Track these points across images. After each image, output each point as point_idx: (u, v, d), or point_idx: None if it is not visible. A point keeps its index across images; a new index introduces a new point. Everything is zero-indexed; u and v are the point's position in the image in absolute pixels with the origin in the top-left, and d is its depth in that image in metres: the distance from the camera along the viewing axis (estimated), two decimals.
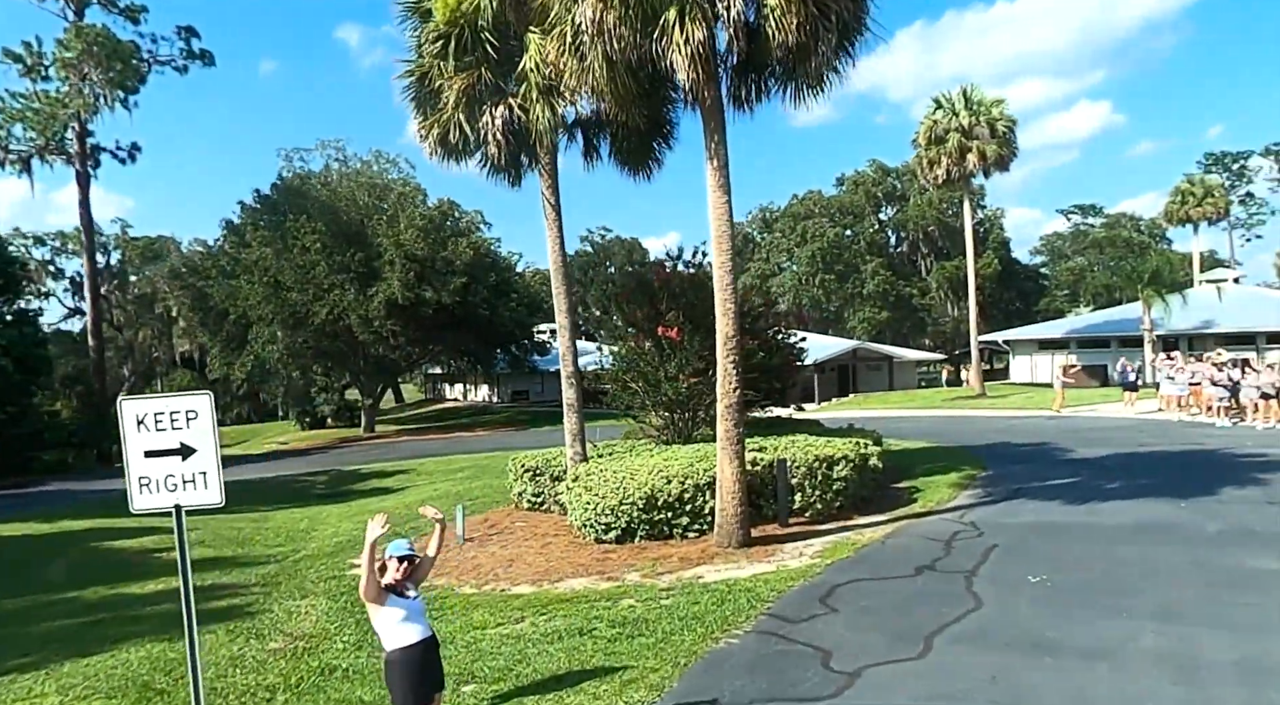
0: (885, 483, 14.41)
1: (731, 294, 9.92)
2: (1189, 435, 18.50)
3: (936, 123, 33.47)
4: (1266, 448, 15.93)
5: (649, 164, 12.99)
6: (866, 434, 15.15)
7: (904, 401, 36.17)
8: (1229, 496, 11.66)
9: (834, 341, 45.60)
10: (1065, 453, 17.02)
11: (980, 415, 27.91)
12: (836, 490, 11.62)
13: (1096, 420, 23.68)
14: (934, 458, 17.37)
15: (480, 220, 53.35)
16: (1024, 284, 64.17)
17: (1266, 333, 34.72)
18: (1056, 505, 11.85)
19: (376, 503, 18.63)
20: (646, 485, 10.60)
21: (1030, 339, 43.43)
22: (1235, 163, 72.50)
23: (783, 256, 55.68)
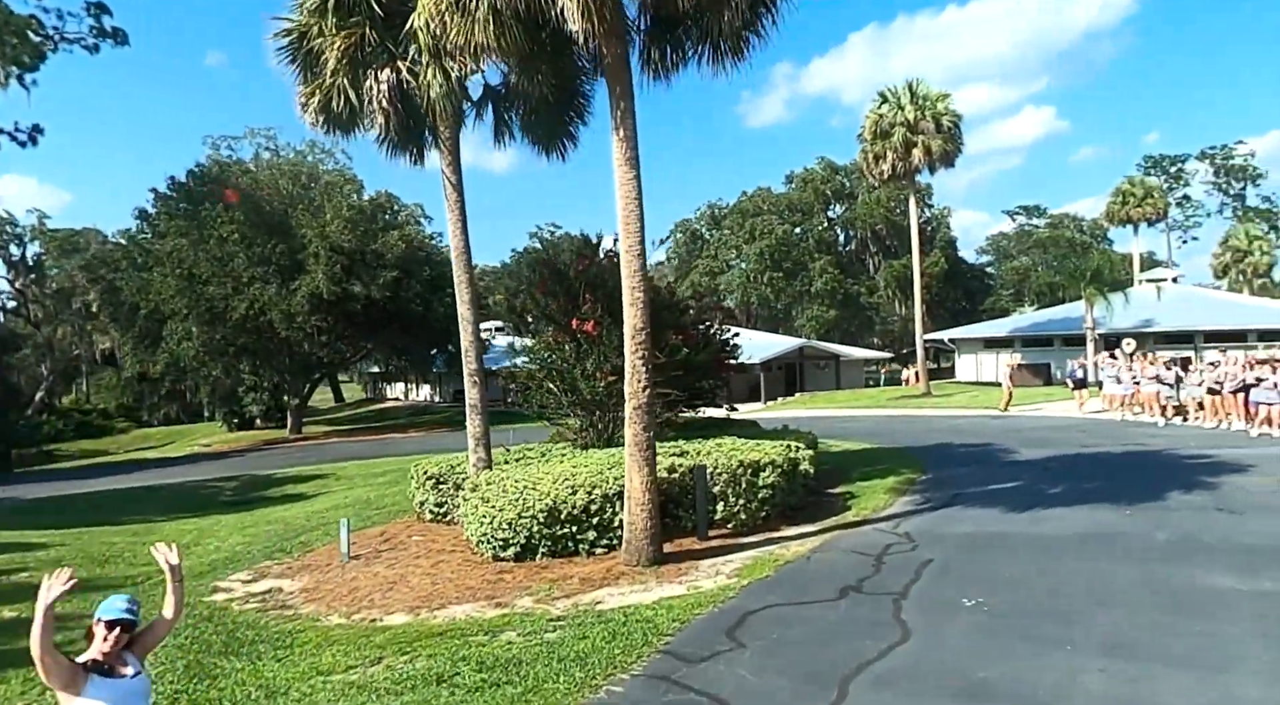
0: (820, 488, 13.53)
1: (641, 282, 8.85)
2: (1132, 435, 18.01)
3: (882, 117, 32.91)
4: (1210, 448, 15.42)
5: (562, 141, 11.91)
6: (800, 436, 14.23)
7: (850, 401, 35.63)
8: (1176, 502, 10.96)
9: (781, 340, 45.00)
10: (1008, 454, 16.34)
11: (925, 415, 27.37)
12: (762, 499, 10.64)
13: (1041, 420, 23.22)
14: (874, 460, 16.57)
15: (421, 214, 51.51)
16: (970, 283, 64.57)
17: (1204, 332, 34.92)
18: (997, 513, 11.03)
19: (281, 511, 17.20)
20: (549, 496, 9.47)
21: (975, 338, 43.32)
22: (1173, 166, 74.07)
23: (731, 254, 54.98)
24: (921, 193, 60.92)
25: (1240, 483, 11.95)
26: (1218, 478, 12.38)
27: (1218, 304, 39.42)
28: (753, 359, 40.55)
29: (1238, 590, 7.19)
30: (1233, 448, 15.35)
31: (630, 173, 8.63)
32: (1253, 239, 51.81)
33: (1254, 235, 52.31)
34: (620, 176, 8.69)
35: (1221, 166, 73.04)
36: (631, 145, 8.63)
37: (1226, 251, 52.69)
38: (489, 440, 11.49)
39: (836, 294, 53.73)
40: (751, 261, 53.14)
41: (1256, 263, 51.29)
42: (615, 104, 8.61)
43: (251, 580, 10.18)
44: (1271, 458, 13.99)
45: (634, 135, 8.64)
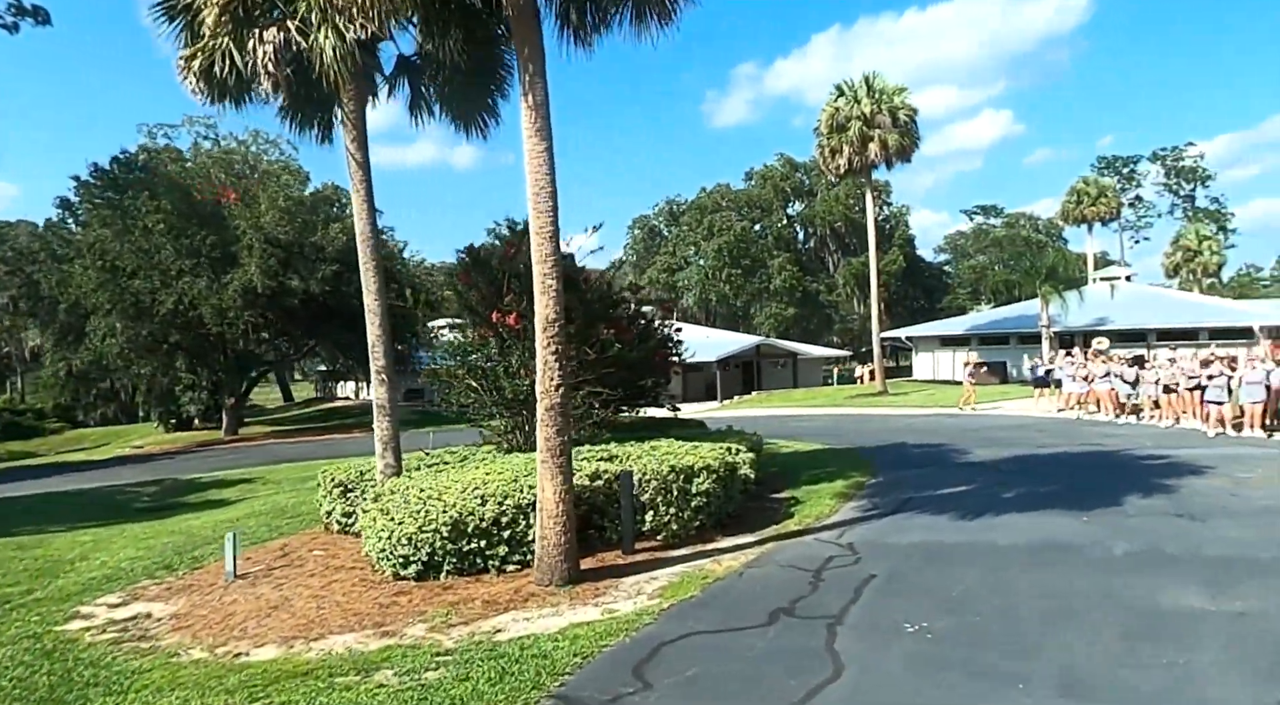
0: (764, 493, 12.74)
1: (554, 268, 7.90)
2: (1089, 435, 17.51)
3: (838, 110, 32.34)
4: (1167, 448, 14.93)
5: (482, 116, 10.96)
6: (744, 437, 13.41)
7: (806, 399, 35.05)
8: (1134, 507, 10.32)
9: (737, 338, 44.35)
10: (962, 455, 15.70)
11: (880, 414, 26.82)
12: (696, 508, 9.76)
13: (998, 418, 22.75)
14: (823, 462, 15.82)
15: None
16: (929, 281, 64.69)
17: (1157, 330, 34.99)
18: (947, 520, 10.28)
19: (191, 520, 15.91)
20: (454, 507, 8.48)
21: (932, 336, 43.10)
22: (1125, 167, 75.11)
23: (689, 250, 54.23)
24: (880, 190, 60.85)
25: (1199, 486, 11.38)
26: (1176, 480, 11.81)
27: (1170, 303, 39.63)
28: (708, 357, 39.86)
29: (1207, 611, 6.47)
30: (1189, 448, 14.88)
31: (540, 145, 7.68)
32: (1203, 239, 52.45)
33: (1204, 235, 52.98)
34: (529, 149, 7.73)
35: (1172, 168, 74.22)
36: (542, 114, 7.67)
37: (1177, 251, 53.29)
38: (398, 444, 10.46)
39: (795, 292, 53.27)
40: (710, 258, 52.43)
41: (1206, 262, 51.92)
42: (523, 67, 7.65)
43: (120, 604, 9.03)
44: (1228, 459, 13.50)
45: (545, 102, 7.69)
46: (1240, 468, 12.56)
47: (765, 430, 23.41)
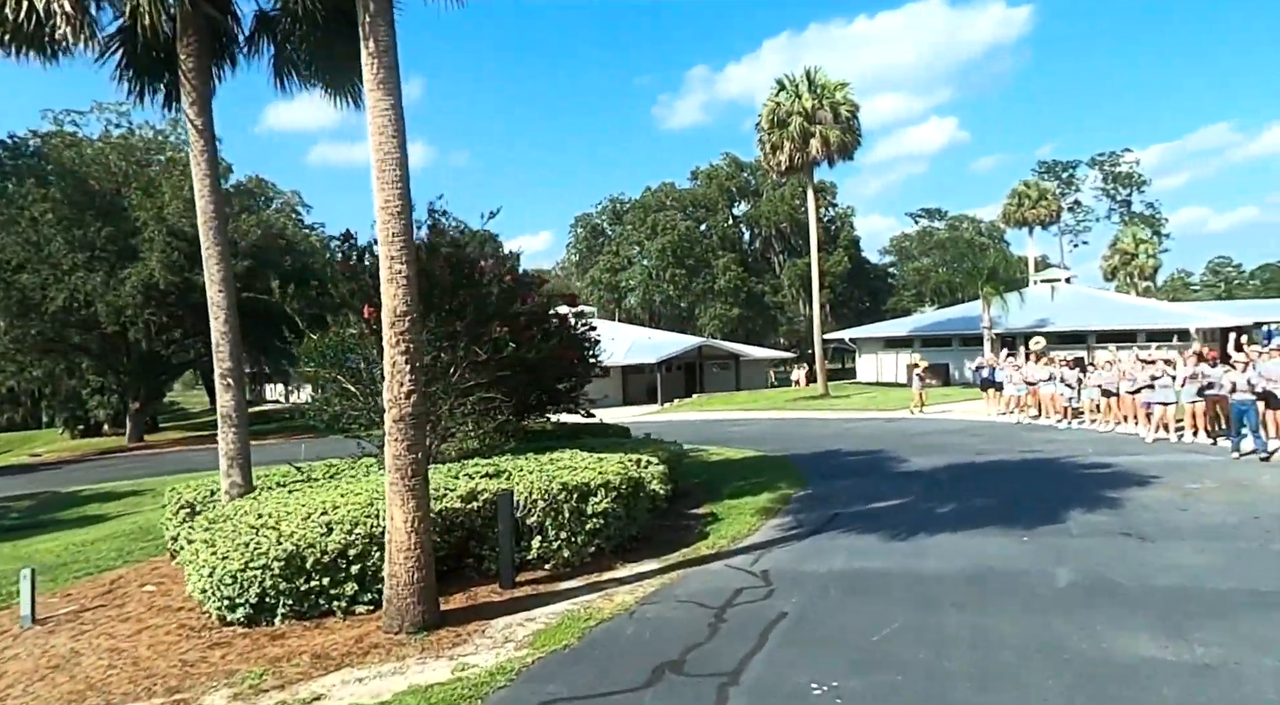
0: (681, 508, 11.58)
1: (403, 250, 6.57)
2: (1030, 441, 16.74)
3: (779, 105, 31.47)
4: (1109, 455, 14.16)
5: (355, 82, 9.56)
6: (661, 447, 12.23)
7: (747, 402, 34.11)
8: (1078, 524, 9.38)
9: (679, 339, 43.30)
10: (898, 463, 14.74)
11: (820, 417, 25.93)
12: (592, 531, 8.51)
13: (939, 423, 21.99)
14: (753, 471, 14.73)
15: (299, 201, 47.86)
16: (874, 283, 64.60)
17: (1096, 332, 34.89)
18: (876, 541, 9.21)
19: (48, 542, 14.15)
20: (293, 538, 7.09)
21: (876, 337, 42.62)
22: (1065, 172, 76.22)
23: (633, 250, 53.07)
24: (825, 191, 60.49)
25: (1145, 499, 10.51)
26: (1122, 492, 10.94)
27: (1109, 305, 39.74)
28: (649, 359, 38.72)
29: (1164, 662, 5.43)
30: (1132, 454, 14.13)
31: (385, 100, 6.34)
32: (1139, 242, 53.12)
33: (1140, 239, 53.67)
34: (372, 105, 6.39)
35: (1109, 173, 75.54)
36: (385, 63, 6.33)
37: (1115, 254, 53.89)
38: (248, 460, 9.00)
39: (740, 292, 52.49)
40: (653, 258, 51.32)
41: (1143, 265, 52.56)
42: (363, 4, 6.29)
43: None
44: (1172, 466, 12.74)
45: (390, 48, 6.36)
46: (1187, 477, 11.78)
47: (699, 436, 22.37)
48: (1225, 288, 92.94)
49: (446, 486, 8.22)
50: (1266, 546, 8.05)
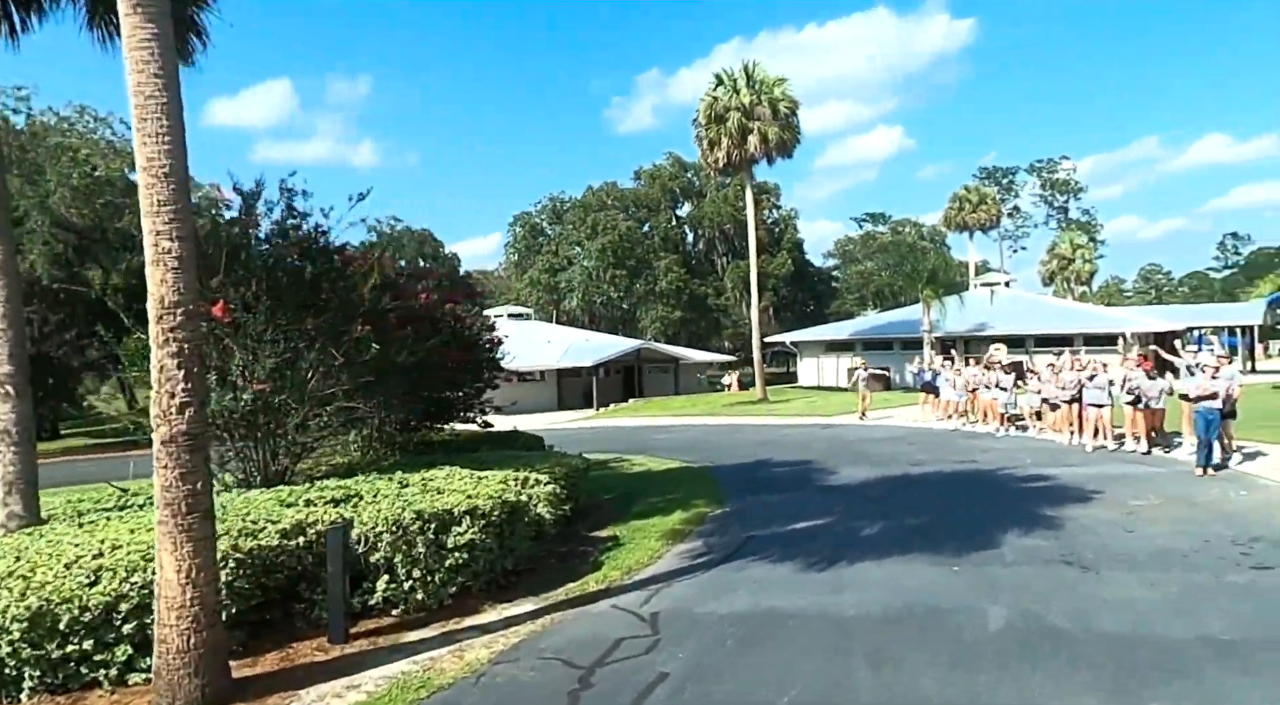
0: (579, 531, 10.33)
1: (173, 221, 5.16)
2: (967, 450, 15.86)
3: (717, 100, 30.46)
4: (1048, 466, 13.31)
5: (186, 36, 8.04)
6: (560, 462, 10.92)
7: (684, 407, 33.00)
8: (1014, 550, 8.35)
9: (618, 341, 42.05)
10: (827, 476, 13.68)
11: (755, 424, 24.90)
12: (454, 567, 7.16)
13: (876, 429, 21.10)
14: (671, 485, 13.53)
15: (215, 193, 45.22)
16: (818, 286, 64.30)
17: (1035, 336, 34.65)
18: (789, 572, 8.05)
19: None
20: (43, 590, 5.60)
21: (817, 340, 41.94)
22: (1005, 178, 77.18)
23: (573, 250, 51.65)
24: (769, 193, 59.97)
25: (1085, 518, 9.56)
26: (1060, 510, 10.00)
27: (1047, 309, 39.68)
28: (585, 362, 37.41)
29: None
30: (1072, 465, 13.30)
31: (146, 29, 4.92)
32: (1076, 248, 53.64)
33: (1077, 244, 54.21)
34: (128, 35, 4.97)
35: (1048, 180, 76.70)
36: None
37: (1053, 259, 54.35)
38: (33, 484, 7.43)
39: (683, 294, 51.49)
40: (593, 258, 49.98)
41: (1079, 270, 53.08)
42: None
43: None
44: (1114, 480, 11.90)
45: None
46: (1129, 492, 10.91)
47: (626, 444, 21.14)
48: (1156, 294, 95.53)
49: (269, 518, 6.81)
50: (1220, 578, 7.10)
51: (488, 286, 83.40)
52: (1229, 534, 8.45)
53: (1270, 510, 9.44)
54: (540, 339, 41.12)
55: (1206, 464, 11.64)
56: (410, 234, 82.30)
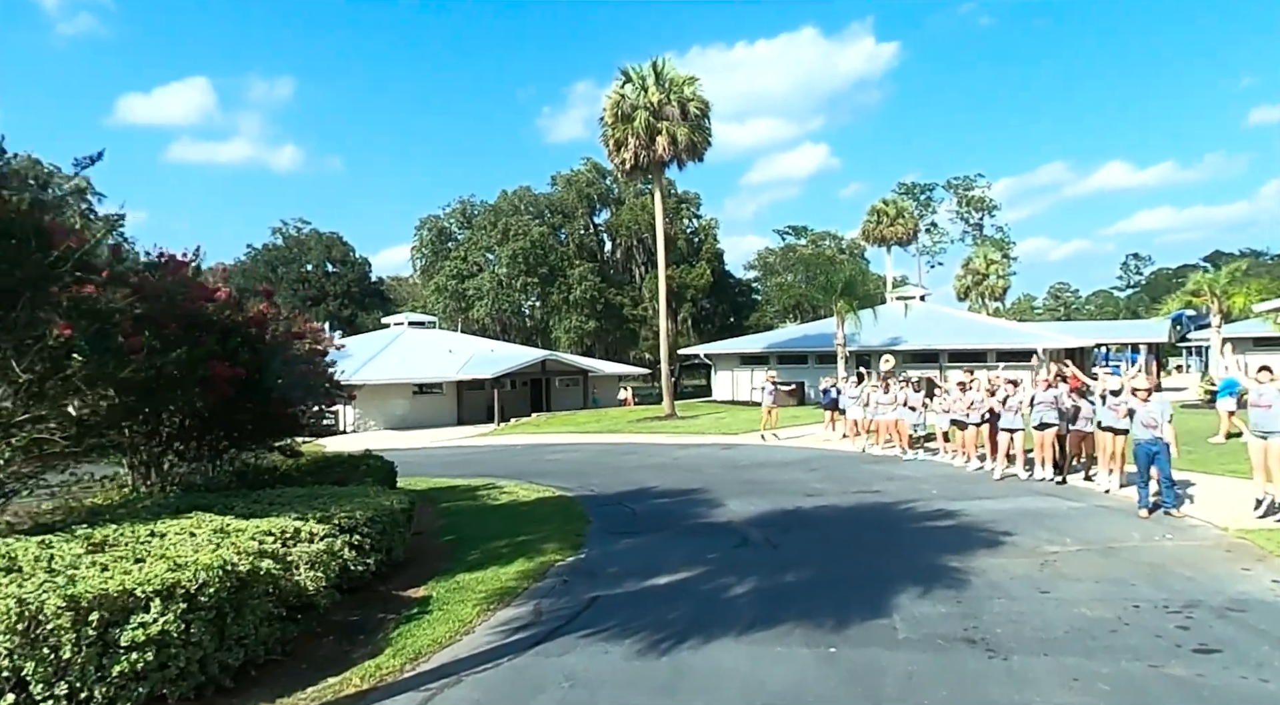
0: (390, 589, 8.30)
1: None
2: (870, 477, 14.35)
3: (624, 98, 28.77)
4: (954, 499, 11.84)
5: None
6: (375, 502, 8.80)
7: (588, 423, 31.05)
8: (908, 621, 6.66)
9: (521, 351, 39.86)
10: (710, 510, 11.91)
11: (654, 443, 23.11)
12: (132, 674, 5.05)
13: (776, 451, 19.54)
14: (530, 521, 11.59)
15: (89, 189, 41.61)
16: (738, 298, 63.33)
17: (949, 351, 33.98)
18: (620, 658, 6.18)
19: None
20: None
21: (732, 353, 40.61)
22: (923, 194, 77.96)
23: (483, 256, 49.19)
24: (689, 202, 58.76)
25: (995, 572, 7.99)
26: (967, 559, 8.42)
27: (960, 323, 39.22)
28: (485, 374, 35.13)
29: None
30: (980, 498, 11.86)
31: None
32: (990, 263, 53.91)
33: (991, 259, 54.50)
34: None
35: (964, 197, 77.77)
36: None
37: (968, 274, 54.52)
38: None
39: (597, 303, 49.59)
40: (504, 265, 47.66)
41: (993, 286, 53.34)
42: None
43: None
44: (1025, 515, 10.47)
45: None
46: (1044, 533, 9.45)
47: (507, 467, 19.09)
48: (1064, 311, 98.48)
49: None
50: (1159, 668, 5.51)
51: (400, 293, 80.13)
52: (1160, 598, 6.95)
53: (1202, 562, 8.03)
54: (442, 349, 38.68)
55: (1149, 505, 10.21)
56: (318, 237, 78.40)
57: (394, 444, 28.07)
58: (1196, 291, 27.03)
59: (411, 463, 21.95)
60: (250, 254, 75.48)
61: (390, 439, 30.06)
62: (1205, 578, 7.47)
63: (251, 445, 10.99)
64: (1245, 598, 6.84)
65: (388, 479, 12.91)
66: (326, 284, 78.10)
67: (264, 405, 9.82)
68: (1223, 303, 26.09)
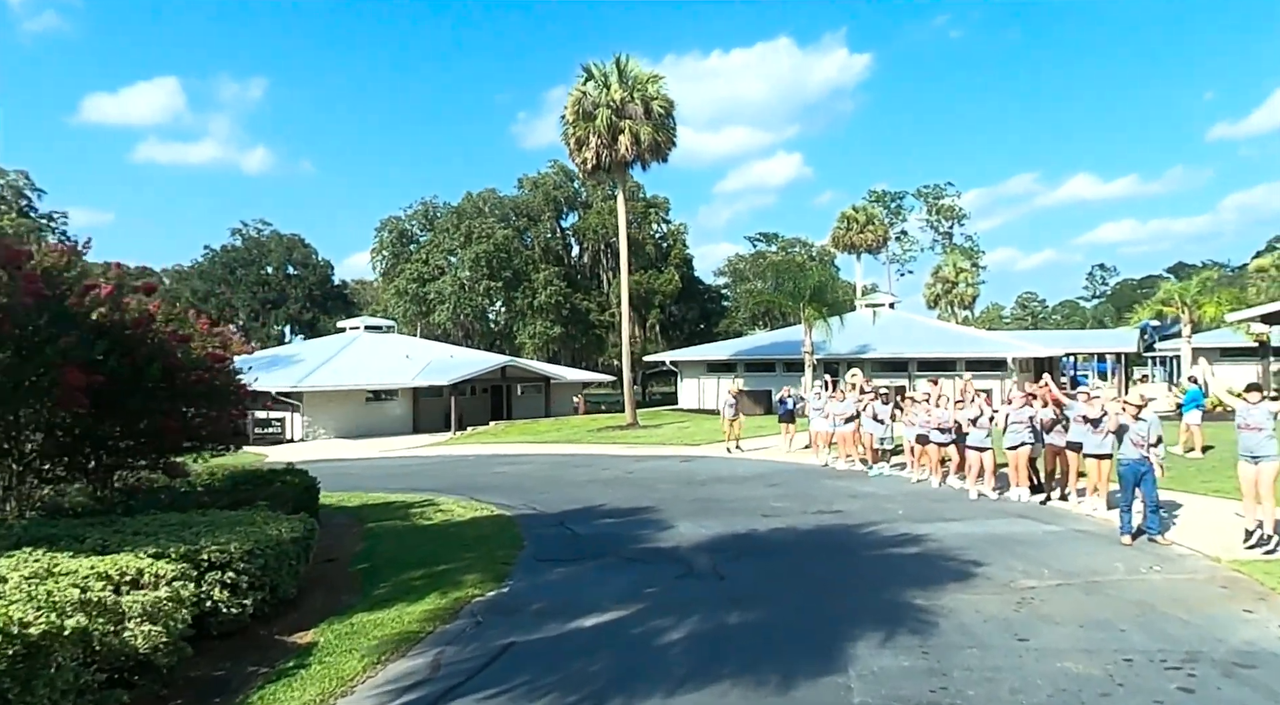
0: (270, 634, 7.15)
1: None
2: (832, 495, 13.40)
3: (586, 95, 27.76)
4: (922, 521, 10.91)
5: None
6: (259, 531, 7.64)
7: (548, 431, 29.91)
8: (864, 678, 5.67)
9: (480, 357, 38.62)
10: (657, 533, 10.86)
11: (610, 454, 22.04)
12: None
13: (738, 464, 18.58)
14: (455, 546, 10.49)
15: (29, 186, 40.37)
16: (708, 304, 62.50)
17: (918, 359, 33.34)
18: None
19: None
20: None
21: (698, 360, 39.71)
22: (893, 202, 77.79)
23: (445, 259, 47.82)
24: (658, 206, 57.86)
25: (965, 612, 7.03)
26: (933, 596, 7.45)
27: (929, 331, 38.65)
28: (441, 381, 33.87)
29: None
30: (949, 520, 10.95)
31: None
32: (959, 271, 53.60)
33: (960, 268, 54.21)
34: None
35: (934, 206, 77.73)
36: None
37: (938, 282, 54.17)
38: None
39: (563, 309, 48.43)
40: (466, 268, 46.32)
41: (963, 294, 53.01)
42: None
43: None
44: (998, 542, 9.57)
45: None
46: (1019, 563, 8.53)
47: (451, 480, 17.92)
48: (1032, 320, 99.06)
49: None
50: None
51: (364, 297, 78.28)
52: (1155, 648, 6.02)
53: (1197, 601, 7.13)
54: (399, 354, 37.32)
55: (1131, 530, 9.33)
56: (278, 238, 76.35)
57: (341, 454, 26.73)
58: (1167, 301, 26.56)
59: (354, 475, 20.69)
60: (208, 255, 73.29)
61: (339, 448, 28.71)
62: (1203, 621, 6.56)
63: (133, 462, 9.74)
64: (1252, 649, 5.93)
65: (304, 497, 11.69)
66: (287, 287, 76.06)
67: (143, 417, 8.60)
68: (1193, 312, 25.61)
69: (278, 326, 73.63)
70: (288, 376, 31.83)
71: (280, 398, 30.39)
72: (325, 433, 31.97)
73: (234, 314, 77.43)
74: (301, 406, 31.30)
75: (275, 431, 30.65)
